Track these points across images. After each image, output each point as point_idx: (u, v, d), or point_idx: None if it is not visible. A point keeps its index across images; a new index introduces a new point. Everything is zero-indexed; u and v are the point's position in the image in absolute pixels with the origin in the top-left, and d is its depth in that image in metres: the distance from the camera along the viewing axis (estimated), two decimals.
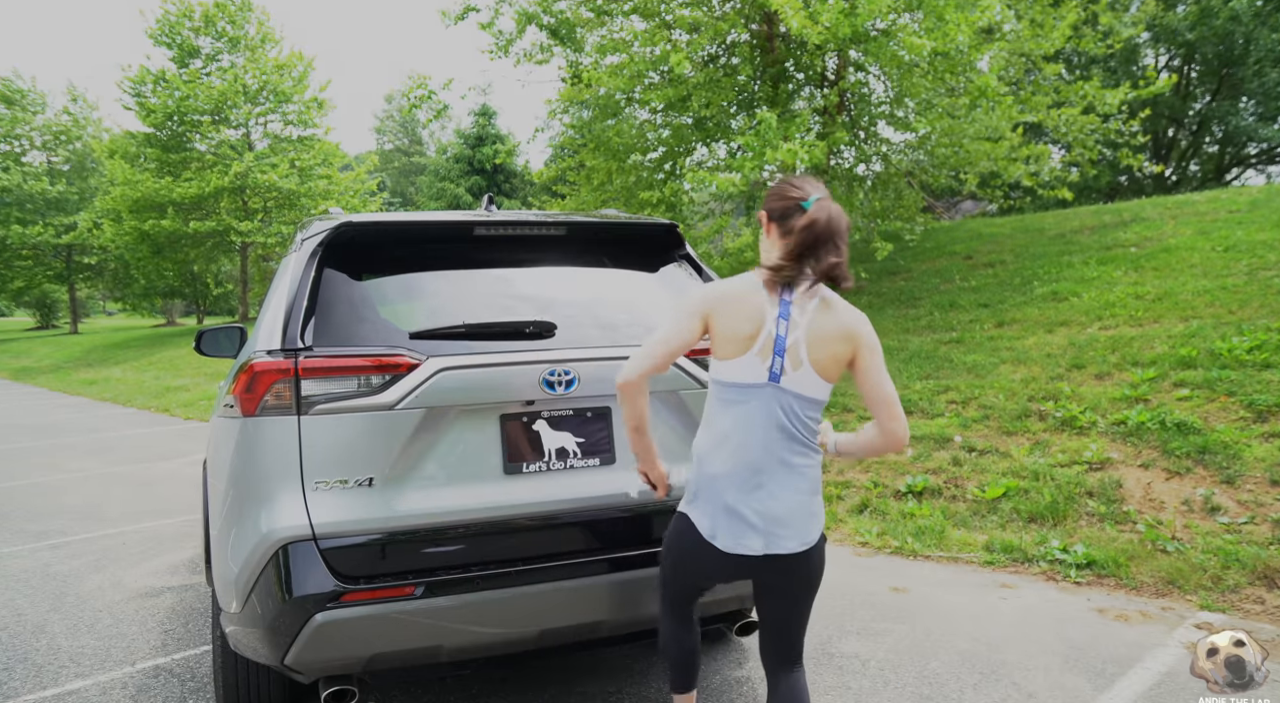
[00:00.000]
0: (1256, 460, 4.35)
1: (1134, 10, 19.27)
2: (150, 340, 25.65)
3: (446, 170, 35.50)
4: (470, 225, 2.52)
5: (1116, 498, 4.45)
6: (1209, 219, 9.71)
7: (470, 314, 2.35)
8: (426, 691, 2.95)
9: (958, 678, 2.96)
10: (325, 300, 2.30)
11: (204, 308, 37.28)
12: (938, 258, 11.61)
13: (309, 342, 2.19)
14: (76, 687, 3.09)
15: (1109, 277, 8.35)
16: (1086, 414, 5.33)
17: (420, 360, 2.18)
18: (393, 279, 2.50)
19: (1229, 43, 20.29)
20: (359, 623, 2.06)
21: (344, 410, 2.13)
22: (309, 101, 24.83)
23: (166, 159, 23.85)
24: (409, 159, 53.23)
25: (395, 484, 2.16)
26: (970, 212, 22.35)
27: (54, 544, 5.18)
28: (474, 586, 2.14)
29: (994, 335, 7.56)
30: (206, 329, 3.50)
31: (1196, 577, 3.68)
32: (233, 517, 2.20)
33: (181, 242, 24.34)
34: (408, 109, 14.66)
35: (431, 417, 2.18)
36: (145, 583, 4.33)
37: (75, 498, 6.57)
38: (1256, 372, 5.21)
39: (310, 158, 24.17)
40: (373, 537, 2.11)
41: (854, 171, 11.39)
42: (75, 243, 31.85)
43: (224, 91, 23.09)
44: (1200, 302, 6.83)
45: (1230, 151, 23.88)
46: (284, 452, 2.10)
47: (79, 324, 38.17)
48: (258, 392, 2.14)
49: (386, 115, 55.83)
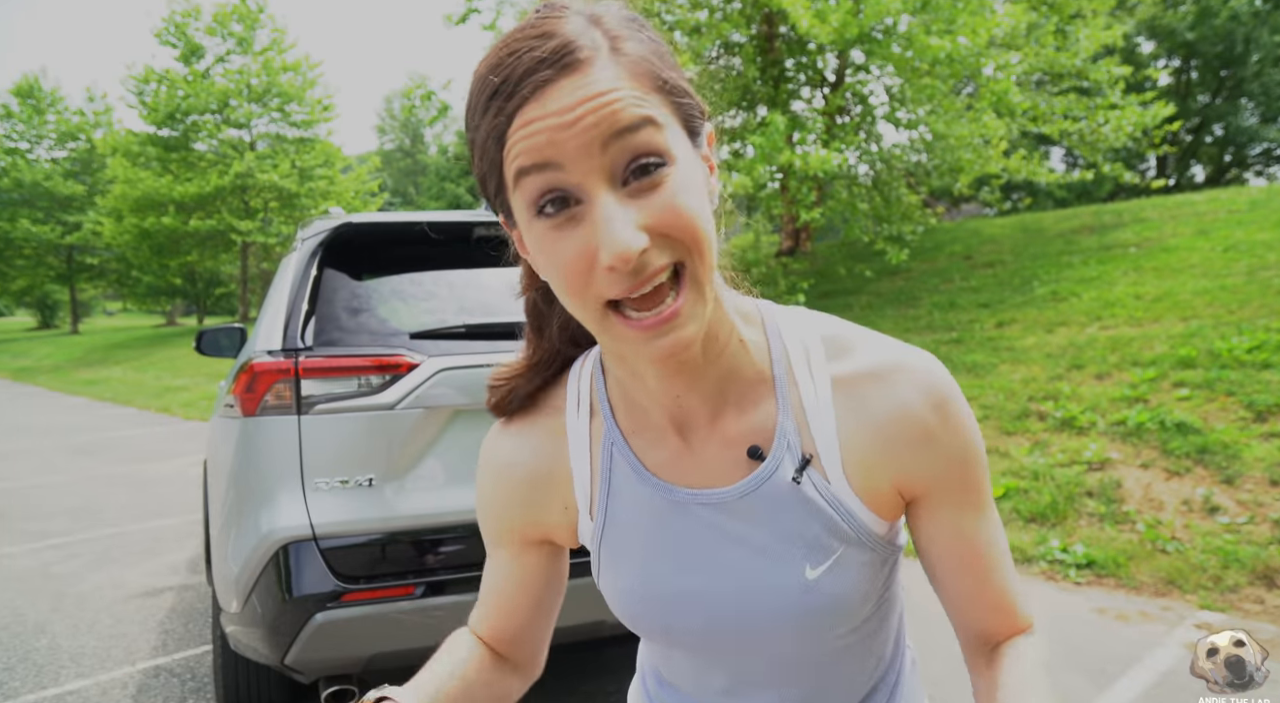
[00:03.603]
0: (1256, 460, 4.36)
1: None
2: (150, 340, 25.65)
3: (447, 170, 35.53)
4: (470, 225, 2.52)
5: (1116, 498, 4.45)
6: (1209, 219, 9.71)
7: (470, 314, 2.36)
8: None
9: (958, 678, 2.96)
10: (326, 300, 2.30)
11: (204, 308, 37.30)
12: (938, 258, 11.61)
13: (309, 342, 2.19)
14: (77, 687, 3.09)
15: (1109, 277, 8.35)
16: (1086, 414, 5.33)
17: (420, 361, 2.18)
18: (393, 279, 2.51)
19: (1229, 43, 20.29)
20: (359, 623, 2.06)
21: (344, 410, 2.13)
22: (315, 102, 24.86)
23: (167, 158, 23.87)
24: (411, 159, 53.26)
25: (395, 484, 2.16)
26: (971, 212, 22.35)
27: (54, 544, 5.18)
28: (474, 585, 2.14)
29: (994, 335, 7.56)
30: (207, 329, 3.50)
31: (1196, 577, 3.68)
32: (233, 517, 2.20)
33: (182, 241, 24.36)
34: (408, 109, 14.65)
35: (431, 417, 2.18)
36: (145, 583, 4.33)
37: (75, 498, 6.57)
38: (1256, 372, 5.21)
39: (311, 158, 24.19)
40: (373, 537, 2.11)
41: (854, 173, 11.40)
42: (79, 243, 31.90)
43: (226, 90, 23.11)
44: (1200, 302, 6.83)
45: (1231, 152, 23.88)
46: (284, 452, 2.10)
47: (79, 324, 38.19)
48: (258, 392, 2.14)
49: (389, 115, 55.86)
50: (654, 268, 0.58)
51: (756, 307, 0.78)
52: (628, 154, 0.57)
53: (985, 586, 0.74)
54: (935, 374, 0.72)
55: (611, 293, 0.59)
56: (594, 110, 0.56)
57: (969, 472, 0.73)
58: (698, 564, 0.75)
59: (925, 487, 0.73)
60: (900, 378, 0.71)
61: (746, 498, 0.72)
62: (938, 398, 0.71)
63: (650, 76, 0.60)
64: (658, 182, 0.58)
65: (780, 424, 0.72)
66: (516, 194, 0.60)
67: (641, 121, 0.57)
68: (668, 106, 0.61)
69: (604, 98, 0.56)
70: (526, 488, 0.81)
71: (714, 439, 0.73)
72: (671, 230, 0.59)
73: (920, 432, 0.70)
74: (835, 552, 0.72)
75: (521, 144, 0.57)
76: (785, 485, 0.71)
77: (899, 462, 0.71)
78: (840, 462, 0.71)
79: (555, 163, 0.57)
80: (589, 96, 0.56)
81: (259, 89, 23.97)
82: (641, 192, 0.58)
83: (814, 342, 0.74)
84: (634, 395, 0.75)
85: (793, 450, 0.71)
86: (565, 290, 0.61)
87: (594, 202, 0.57)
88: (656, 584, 0.76)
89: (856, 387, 0.71)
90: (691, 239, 0.59)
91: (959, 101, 9.47)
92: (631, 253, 0.56)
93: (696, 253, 0.60)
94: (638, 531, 0.76)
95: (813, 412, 0.71)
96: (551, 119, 0.56)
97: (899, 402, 0.70)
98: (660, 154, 0.58)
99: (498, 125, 0.58)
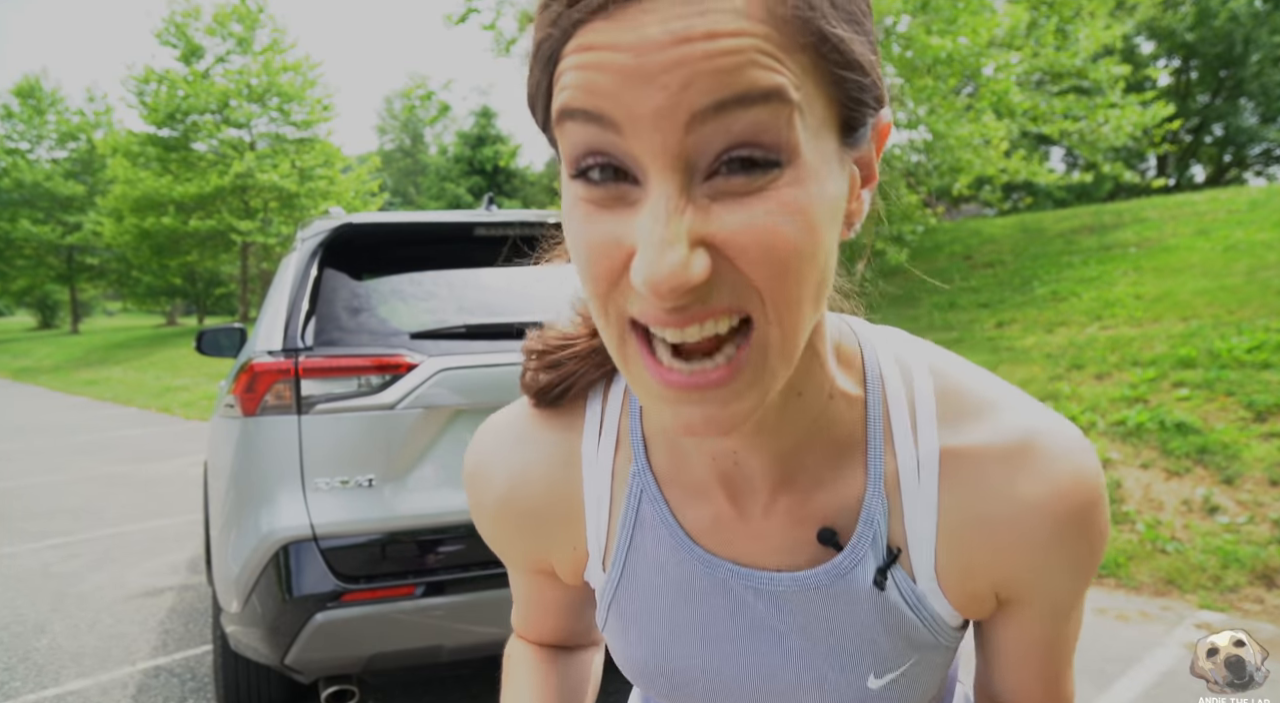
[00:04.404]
0: (1256, 460, 4.36)
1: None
2: (150, 340, 25.65)
3: (447, 170, 35.54)
4: (470, 225, 2.52)
5: (1116, 498, 4.45)
6: (1209, 219, 9.71)
7: (470, 314, 2.36)
8: (427, 691, 2.95)
9: (959, 678, 2.96)
10: (325, 300, 2.30)
11: (205, 308, 37.32)
12: (938, 258, 11.61)
13: (309, 342, 2.19)
14: (77, 687, 3.09)
15: (1109, 277, 8.35)
16: (1086, 414, 5.33)
17: (420, 361, 2.18)
18: (393, 279, 2.51)
19: (1229, 43, 20.30)
20: (359, 623, 2.06)
21: (344, 410, 2.13)
22: (315, 102, 24.86)
23: (167, 158, 23.89)
24: (411, 159, 53.27)
25: (395, 484, 2.16)
26: (971, 212, 22.36)
27: (54, 544, 5.18)
28: (474, 585, 2.14)
29: (994, 335, 7.56)
30: (207, 329, 3.51)
31: (1196, 577, 3.68)
32: (233, 517, 2.20)
33: (182, 241, 24.38)
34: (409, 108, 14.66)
35: (431, 417, 2.18)
36: (145, 583, 4.33)
37: (75, 498, 6.57)
38: (1256, 372, 5.21)
39: (311, 159, 24.20)
40: (373, 537, 2.11)
41: None
42: (79, 243, 31.92)
43: (226, 91, 23.12)
44: (1200, 302, 6.83)
45: (1231, 152, 23.89)
46: (284, 452, 2.10)
47: (79, 324, 38.20)
48: (258, 392, 2.14)
49: (389, 114, 55.87)
50: (712, 308, 0.40)
51: (855, 335, 0.59)
52: (726, 138, 0.38)
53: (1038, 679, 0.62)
54: (1082, 464, 0.53)
55: (642, 315, 0.41)
56: (693, 59, 0.36)
57: (1084, 583, 0.56)
58: (734, 655, 0.59)
59: (1031, 595, 0.56)
60: (1035, 463, 0.52)
61: (809, 592, 0.56)
62: (1080, 499, 0.52)
63: (800, 23, 0.38)
64: (759, 187, 0.39)
65: (867, 504, 0.54)
66: (560, 137, 0.42)
67: (766, 92, 0.37)
68: (816, 77, 0.39)
69: (717, 43, 0.36)
70: (529, 520, 0.64)
71: (777, 509, 0.56)
72: (749, 267, 0.39)
73: (1046, 538, 0.52)
74: (909, 661, 0.57)
75: (572, 74, 0.39)
76: (864, 587, 0.55)
77: (1010, 568, 0.54)
78: (934, 559, 0.54)
79: (610, 119, 0.38)
80: (692, 34, 0.36)
81: (259, 89, 23.96)
82: (728, 195, 0.39)
83: (924, 394, 0.55)
84: (675, 440, 0.58)
85: (878, 542, 0.54)
86: (584, 283, 0.44)
87: (650, 190, 0.39)
88: (678, 663, 0.61)
89: (974, 464, 0.53)
90: (775, 288, 0.40)
91: (959, 101, 9.47)
92: (678, 283, 0.37)
93: (777, 309, 0.40)
94: (661, 599, 0.60)
95: (909, 490, 0.54)
96: (622, 55, 0.36)
97: (1027, 495, 0.52)
98: (778, 148, 0.38)
99: (550, 36, 0.40)
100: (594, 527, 0.62)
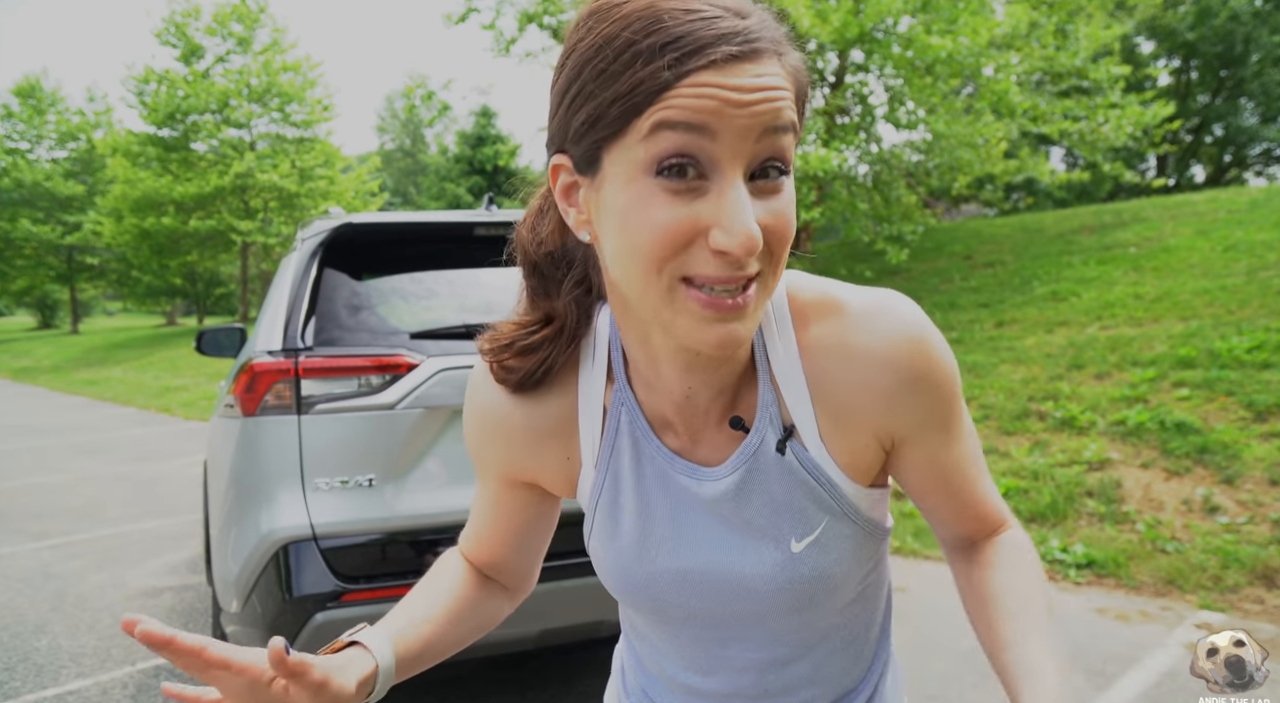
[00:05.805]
0: (1256, 460, 4.36)
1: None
2: (150, 340, 25.65)
3: (447, 170, 35.52)
4: (470, 225, 2.52)
5: (1116, 498, 4.45)
6: (1209, 219, 9.71)
7: (470, 314, 2.36)
8: (426, 691, 2.95)
9: (959, 678, 2.96)
10: (326, 300, 2.30)
11: (205, 308, 37.32)
12: (938, 258, 11.61)
13: (309, 342, 2.19)
14: (77, 686, 3.09)
15: (1109, 277, 8.35)
16: (1086, 414, 5.33)
17: (420, 360, 2.18)
18: (393, 279, 2.51)
19: (1229, 43, 20.30)
20: (359, 623, 2.06)
21: (344, 410, 2.13)
22: (315, 102, 24.86)
23: (167, 158, 23.88)
24: (411, 159, 53.25)
25: (395, 484, 2.16)
26: (971, 212, 22.36)
27: (54, 544, 5.18)
28: None
29: (994, 335, 7.56)
30: (207, 329, 3.51)
31: (1196, 577, 3.68)
32: (233, 517, 2.20)
33: (182, 241, 24.38)
34: (409, 108, 14.65)
35: (431, 417, 2.19)
36: (145, 583, 4.33)
37: (75, 498, 6.57)
38: (1256, 372, 5.21)
39: (311, 159, 24.20)
40: (373, 537, 2.11)
41: (854, 173, 11.41)
42: (79, 243, 31.92)
43: (226, 90, 23.11)
44: (1200, 302, 6.83)
45: (1231, 152, 23.89)
46: (284, 452, 2.10)
47: (79, 324, 38.21)
48: (258, 392, 2.14)
49: (389, 114, 55.86)
50: (750, 270, 0.59)
51: None
52: (769, 151, 0.58)
53: (961, 500, 0.76)
54: (903, 316, 0.70)
55: (706, 270, 0.58)
56: (766, 100, 0.57)
57: (949, 406, 0.71)
58: (692, 540, 0.75)
59: (906, 432, 0.72)
60: (865, 328, 0.69)
61: (737, 473, 0.72)
62: (908, 345, 0.69)
63: (799, 88, 0.62)
64: (778, 187, 0.60)
65: (761, 394, 0.72)
66: (640, 145, 0.57)
67: (790, 126, 0.59)
68: (798, 121, 0.62)
69: (777, 92, 0.57)
70: (526, 437, 0.79)
71: (711, 423, 0.74)
72: (773, 239, 0.59)
73: (892, 383, 0.69)
74: (820, 524, 0.73)
75: (685, 100, 0.55)
76: (771, 458, 0.72)
77: (875, 416, 0.71)
78: (816, 428, 0.71)
79: (711, 130, 0.56)
80: (767, 87, 0.57)
81: (259, 89, 23.96)
82: (762, 192, 0.59)
83: (780, 303, 0.73)
84: (649, 379, 0.74)
85: (774, 422, 0.72)
86: (645, 255, 0.59)
87: (727, 182, 0.57)
88: (649, 554, 0.77)
89: (821, 346, 0.71)
90: (781, 253, 0.61)
91: (959, 102, 9.47)
92: (757, 243, 0.56)
93: (774, 266, 0.61)
94: (636, 494, 0.77)
95: (784, 379, 0.71)
96: (730, 92, 0.56)
97: (866, 355, 0.69)
98: (788, 162, 0.60)
99: (663, 78, 0.55)
100: (587, 438, 0.78)
